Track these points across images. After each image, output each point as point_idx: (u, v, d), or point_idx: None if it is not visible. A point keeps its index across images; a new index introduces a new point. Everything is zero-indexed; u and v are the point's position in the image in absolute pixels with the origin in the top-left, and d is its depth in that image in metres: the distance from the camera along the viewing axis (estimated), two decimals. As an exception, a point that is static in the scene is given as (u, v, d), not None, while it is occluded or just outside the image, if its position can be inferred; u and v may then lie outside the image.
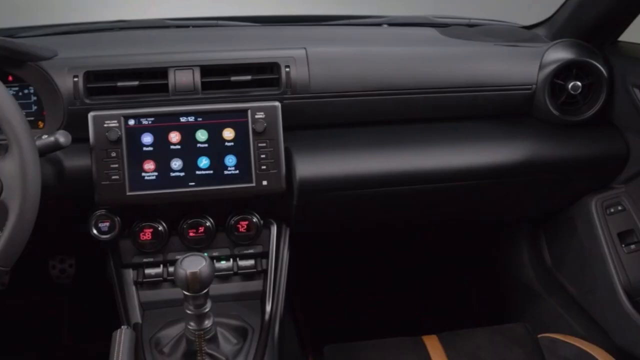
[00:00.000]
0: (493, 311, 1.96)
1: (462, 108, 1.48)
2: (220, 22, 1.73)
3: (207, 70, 1.35)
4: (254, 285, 1.43)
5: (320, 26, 1.71)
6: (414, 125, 1.47)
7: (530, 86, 1.48)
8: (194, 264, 1.12)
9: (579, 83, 1.46)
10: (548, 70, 1.46)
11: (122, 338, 1.17)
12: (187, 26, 1.68)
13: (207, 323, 1.19)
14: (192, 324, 1.18)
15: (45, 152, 1.17)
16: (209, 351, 1.21)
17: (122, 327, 1.19)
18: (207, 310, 1.18)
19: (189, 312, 1.17)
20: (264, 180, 1.32)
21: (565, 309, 1.69)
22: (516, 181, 1.51)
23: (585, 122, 1.50)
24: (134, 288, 1.39)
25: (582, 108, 1.50)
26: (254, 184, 1.32)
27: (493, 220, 1.84)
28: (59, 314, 2.04)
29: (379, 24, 1.75)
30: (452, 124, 1.49)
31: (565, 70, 1.47)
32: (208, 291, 1.15)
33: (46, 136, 1.18)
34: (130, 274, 1.40)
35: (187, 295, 1.14)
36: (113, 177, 1.28)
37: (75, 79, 1.30)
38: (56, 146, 1.18)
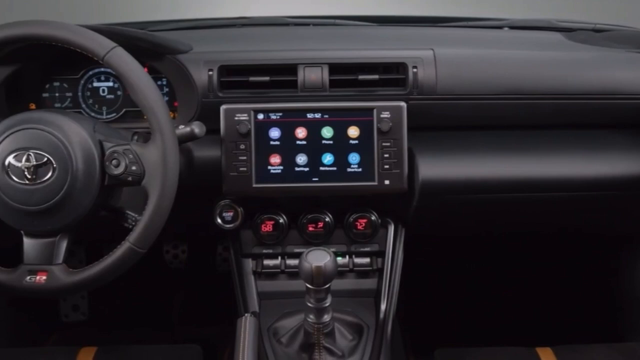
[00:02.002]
0: (607, 326, 1.88)
1: (591, 116, 1.43)
2: (337, 20, 1.75)
3: (335, 68, 1.37)
4: (368, 283, 1.44)
5: (441, 27, 1.70)
6: (540, 131, 1.44)
7: None
8: (319, 258, 1.14)
9: None
10: None
11: (247, 325, 1.20)
12: (308, 24, 1.71)
13: (326, 317, 1.21)
14: (311, 316, 1.21)
15: (181, 142, 1.22)
16: (327, 345, 1.23)
17: (246, 315, 1.23)
18: (327, 304, 1.20)
19: (309, 305, 1.19)
20: (386, 179, 1.33)
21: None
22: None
23: None
24: (252, 277, 1.43)
25: None
26: (376, 183, 1.33)
27: (617, 233, 1.77)
28: (171, 297, 2.13)
29: (500, 27, 1.72)
30: (579, 131, 1.44)
31: None
32: (330, 286, 1.17)
33: (182, 126, 1.23)
34: (249, 264, 1.44)
35: (309, 288, 1.17)
36: (241, 168, 1.32)
37: (210, 73, 1.35)
38: (191, 136, 1.23)
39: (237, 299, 1.42)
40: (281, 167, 1.33)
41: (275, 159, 1.33)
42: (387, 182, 1.33)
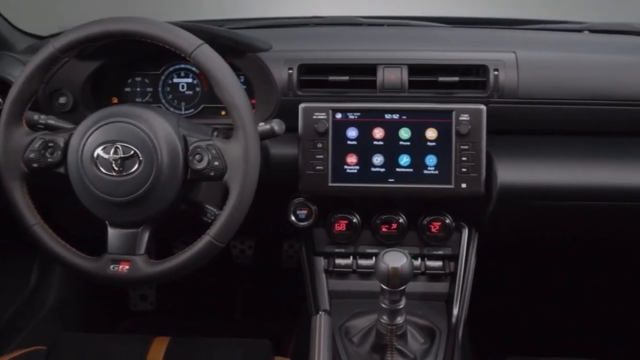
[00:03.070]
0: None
1: None
2: (411, 21, 1.74)
3: (414, 69, 1.36)
4: (440, 287, 1.42)
5: (519, 30, 1.67)
6: (623, 138, 1.40)
7: None
8: (395, 259, 1.14)
9: None
10: None
11: (323, 323, 1.21)
12: (382, 24, 1.70)
13: (400, 319, 1.21)
14: (384, 317, 1.20)
15: (261, 139, 1.22)
16: (399, 347, 1.23)
17: (321, 313, 1.24)
18: (401, 306, 1.19)
19: (383, 306, 1.19)
20: (463, 183, 1.31)
21: None
22: None
23: None
24: (324, 276, 1.43)
25: None
26: (452, 186, 1.32)
27: None
28: (235, 290, 2.16)
29: (580, 30, 1.68)
30: None
31: None
32: (405, 288, 1.17)
33: (262, 124, 1.24)
34: (321, 262, 1.44)
35: (384, 289, 1.16)
36: (317, 167, 1.33)
37: (290, 71, 1.36)
38: (271, 134, 1.23)
39: (307, 297, 1.43)
40: (357, 167, 1.33)
41: (351, 159, 1.33)
42: (464, 185, 1.31)
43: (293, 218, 1.39)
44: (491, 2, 2.37)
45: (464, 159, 1.31)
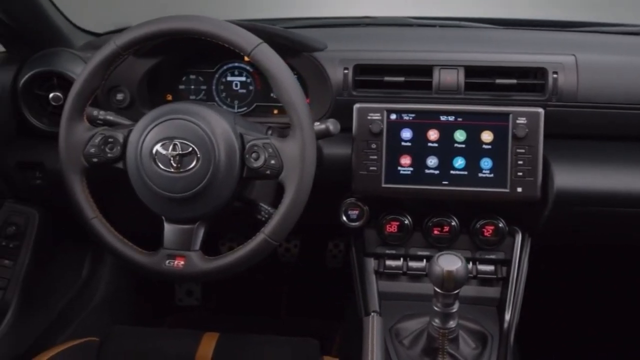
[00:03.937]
0: None
1: None
2: (462, 22, 1.72)
3: (471, 71, 1.35)
4: (491, 291, 1.41)
5: (575, 32, 1.64)
6: None
7: None
8: (450, 263, 1.13)
9: None
10: None
11: (376, 325, 1.20)
12: (433, 25, 1.68)
13: (452, 323, 1.20)
14: (437, 321, 1.19)
15: (316, 138, 1.22)
16: (450, 351, 1.22)
17: (373, 314, 1.23)
18: (454, 310, 1.18)
19: (436, 309, 1.18)
20: (519, 187, 1.29)
21: None
22: None
23: None
24: (374, 277, 1.43)
25: None
26: (508, 190, 1.30)
27: None
28: (280, 288, 2.17)
29: (638, 33, 1.64)
30: None
31: None
32: (459, 291, 1.16)
33: (318, 123, 1.24)
34: (371, 263, 1.43)
35: (438, 292, 1.15)
36: (371, 168, 1.32)
37: (346, 71, 1.36)
38: (326, 133, 1.23)
39: (357, 298, 1.42)
40: (411, 169, 1.32)
41: (405, 160, 1.32)
42: (519, 189, 1.29)
43: (344, 218, 1.39)
44: (533, 3, 2.34)
45: (520, 162, 1.29)
